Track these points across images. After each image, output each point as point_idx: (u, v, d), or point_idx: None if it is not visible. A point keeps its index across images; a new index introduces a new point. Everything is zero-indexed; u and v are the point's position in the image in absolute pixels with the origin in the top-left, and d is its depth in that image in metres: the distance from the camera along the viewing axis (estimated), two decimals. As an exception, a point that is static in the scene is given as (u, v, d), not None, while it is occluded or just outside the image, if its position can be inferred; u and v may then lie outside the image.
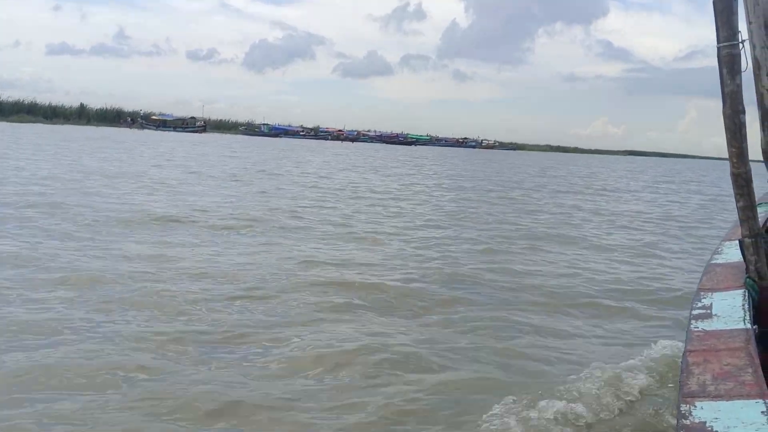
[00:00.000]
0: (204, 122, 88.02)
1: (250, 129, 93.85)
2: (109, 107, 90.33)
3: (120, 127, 77.65)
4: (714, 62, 2.44)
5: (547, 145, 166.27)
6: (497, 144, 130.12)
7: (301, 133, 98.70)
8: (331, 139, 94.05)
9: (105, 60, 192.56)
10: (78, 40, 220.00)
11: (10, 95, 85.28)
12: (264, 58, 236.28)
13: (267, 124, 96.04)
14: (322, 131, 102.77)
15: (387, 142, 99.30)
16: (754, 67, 1.37)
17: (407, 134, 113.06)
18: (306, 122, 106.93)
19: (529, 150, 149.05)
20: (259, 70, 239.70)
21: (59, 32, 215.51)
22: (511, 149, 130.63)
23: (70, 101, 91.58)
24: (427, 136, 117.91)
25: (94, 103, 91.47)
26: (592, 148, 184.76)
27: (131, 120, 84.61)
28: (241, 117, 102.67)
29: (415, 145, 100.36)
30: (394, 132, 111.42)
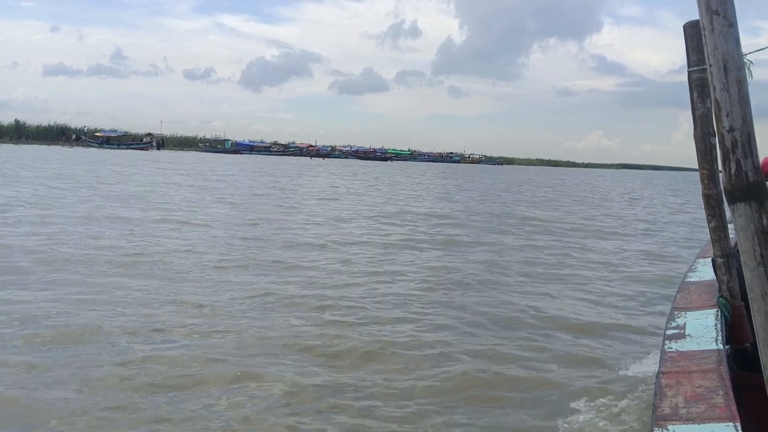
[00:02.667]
0: (152, 138, 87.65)
1: (213, 145, 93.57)
2: (53, 124, 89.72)
3: (57, 144, 76.90)
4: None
5: (538, 159, 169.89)
6: (484, 158, 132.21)
7: (272, 149, 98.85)
8: (301, 155, 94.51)
9: (102, 80, 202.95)
10: (75, 60, 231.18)
11: (5, 117, 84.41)
12: (260, 76, 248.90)
13: (229, 140, 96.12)
14: (292, 147, 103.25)
15: (361, 158, 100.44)
16: (714, 109, 1.64)
17: (387, 149, 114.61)
18: (301, 139, 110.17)
19: (518, 164, 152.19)
20: (256, 88, 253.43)
21: (56, 53, 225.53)
22: (498, 164, 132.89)
23: (66, 121, 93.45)
24: (409, 150, 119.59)
25: (91, 123, 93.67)
26: (585, 162, 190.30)
27: (75, 137, 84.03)
28: (238, 135, 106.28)
29: (392, 160, 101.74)
30: (372, 147, 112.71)
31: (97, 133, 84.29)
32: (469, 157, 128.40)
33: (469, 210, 18.41)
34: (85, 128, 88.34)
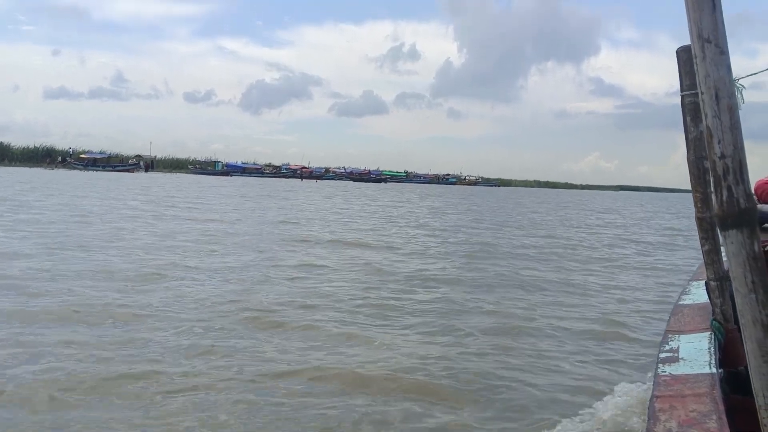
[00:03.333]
0: (140, 160, 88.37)
1: (203, 167, 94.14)
2: (39, 146, 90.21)
3: (40, 166, 77.17)
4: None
5: (535, 181, 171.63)
6: (480, 180, 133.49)
7: (265, 171, 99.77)
8: (294, 177, 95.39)
9: (103, 103, 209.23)
10: (76, 83, 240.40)
11: (6, 139, 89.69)
12: (260, 98, 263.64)
13: (220, 162, 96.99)
14: (285, 168, 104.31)
15: (355, 180, 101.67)
16: (706, 136, 1.70)
17: (382, 171, 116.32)
18: (301, 161, 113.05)
19: (515, 186, 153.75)
20: (256, 110, 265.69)
21: (57, 76, 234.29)
22: (494, 185, 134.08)
23: (66, 144, 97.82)
24: (404, 172, 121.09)
25: (92, 145, 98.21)
26: (583, 184, 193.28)
27: (61, 159, 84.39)
28: (238, 157, 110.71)
29: (386, 182, 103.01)
30: (367, 169, 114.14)
31: (83, 155, 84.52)
32: (465, 178, 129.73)
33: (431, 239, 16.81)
34: (71, 150, 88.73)
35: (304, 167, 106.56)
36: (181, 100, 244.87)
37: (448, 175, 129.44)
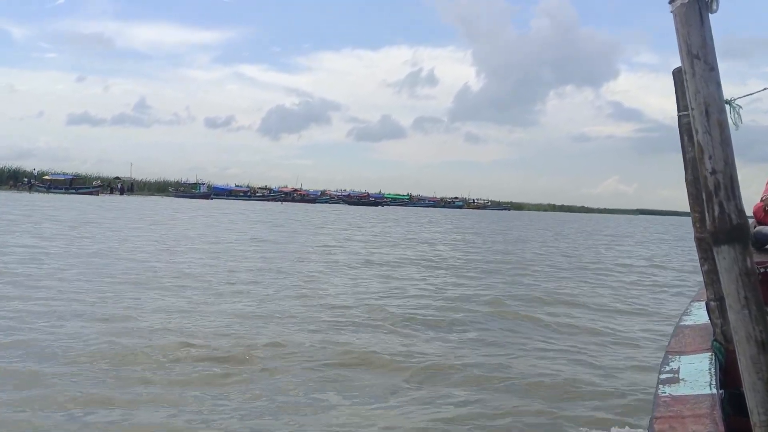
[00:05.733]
0: (117, 182, 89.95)
1: (187, 190, 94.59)
2: (3, 167, 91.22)
3: (4, 189, 77.80)
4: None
5: (549, 205, 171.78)
6: (490, 203, 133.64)
7: (251, 194, 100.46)
8: (284, 200, 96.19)
9: (125, 129, 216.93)
10: (100, 110, 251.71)
11: (30, 165, 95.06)
12: (280, 123, 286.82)
13: (203, 184, 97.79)
14: (275, 191, 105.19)
15: (350, 203, 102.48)
16: (697, 151, 1.85)
17: (384, 194, 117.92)
18: (318, 186, 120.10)
19: (528, 209, 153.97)
20: (275, 135, 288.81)
21: (81, 103, 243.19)
22: (505, 209, 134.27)
23: (87, 170, 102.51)
24: (407, 195, 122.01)
25: (112, 171, 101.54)
26: (602, 207, 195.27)
27: (27, 180, 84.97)
28: (255, 182, 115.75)
29: (383, 205, 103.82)
30: (366, 192, 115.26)
31: (45, 177, 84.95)
32: (473, 202, 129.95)
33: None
34: (35, 171, 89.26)
35: (297, 189, 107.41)
36: (202, 126, 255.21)
37: (456, 198, 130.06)
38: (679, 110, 3.13)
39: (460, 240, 29.21)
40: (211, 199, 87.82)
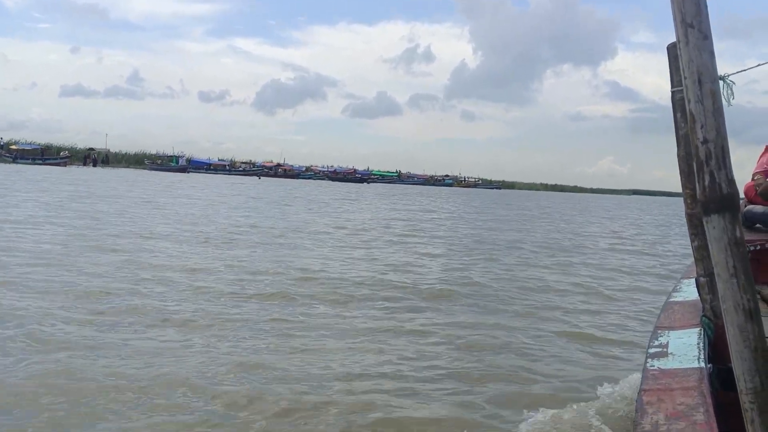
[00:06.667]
0: (94, 153, 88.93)
1: (165, 163, 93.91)
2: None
3: None
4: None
5: (542, 184, 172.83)
6: (480, 181, 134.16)
7: (232, 168, 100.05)
8: (267, 175, 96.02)
9: (119, 101, 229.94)
10: (93, 82, 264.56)
11: (22, 136, 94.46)
12: (275, 98, 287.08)
13: (182, 157, 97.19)
14: (258, 165, 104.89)
15: (334, 179, 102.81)
16: (689, 121, 1.90)
17: (372, 171, 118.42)
18: (313, 162, 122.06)
19: (519, 188, 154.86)
20: (270, 110, 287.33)
21: (74, 74, 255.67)
22: (496, 188, 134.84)
23: (80, 142, 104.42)
24: (396, 172, 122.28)
25: (106, 144, 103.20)
26: (595, 187, 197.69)
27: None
28: (249, 157, 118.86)
29: (368, 182, 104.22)
30: (353, 168, 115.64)
31: (12, 146, 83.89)
32: (464, 180, 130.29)
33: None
34: (1, 141, 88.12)
35: (280, 164, 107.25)
36: (196, 100, 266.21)
37: (447, 176, 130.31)
38: (672, 85, 3.22)
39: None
40: (188, 173, 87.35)
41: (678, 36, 1.94)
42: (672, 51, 3.20)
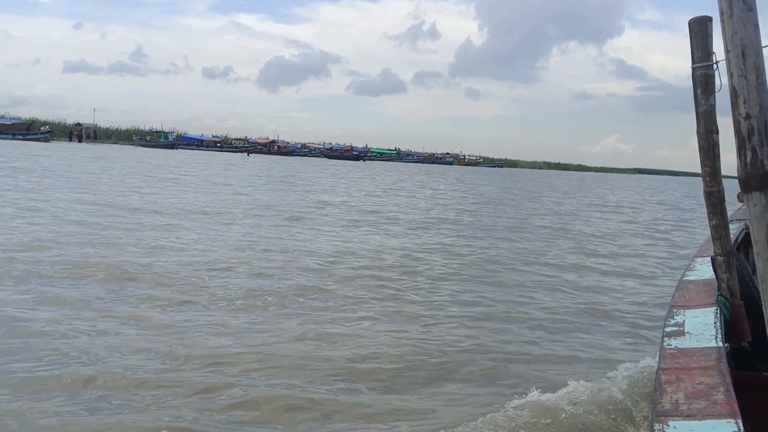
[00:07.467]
0: (81, 128, 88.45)
1: (154, 138, 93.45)
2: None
3: None
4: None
5: (545, 162, 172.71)
6: (481, 160, 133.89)
7: (222, 145, 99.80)
8: (260, 152, 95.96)
9: (122, 78, 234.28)
10: (96, 58, 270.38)
11: (24, 113, 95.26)
12: (278, 75, 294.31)
13: (172, 133, 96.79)
14: (252, 142, 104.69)
15: (330, 157, 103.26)
16: (731, 95, 1.89)
17: (370, 148, 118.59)
18: (316, 139, 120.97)
19: (522, 167, 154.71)
20: (273, 87, 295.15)
21: (77, 50, 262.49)
22: (498, 166, 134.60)
23: (83, 118, 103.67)
24: (395, 150, 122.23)
25: (108, 120, 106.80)
26: (599, 166, 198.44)
27: None
28: (253, 133, 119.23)
29: (364, 160, 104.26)
30: (350, 145, 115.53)
31: None
32: (464, 158, 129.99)
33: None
34: None
35: (273, 141, 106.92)
36: (200, 76, 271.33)
37: (447, 153, 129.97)
38: (693, 62, 3.22)
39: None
40: (176, 149, 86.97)
41: (721, 8, 1.92)
42: (693, 26, 3.21)
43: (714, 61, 3.18)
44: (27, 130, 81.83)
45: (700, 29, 3.22)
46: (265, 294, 7.71)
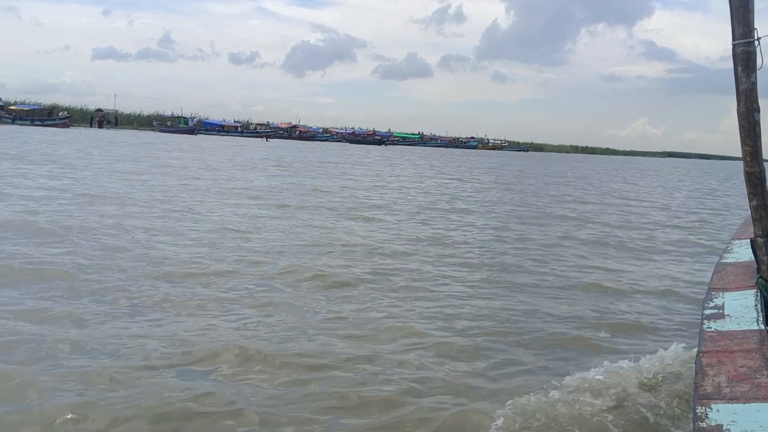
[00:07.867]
0: (102, 114, 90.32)
1: (174, 124, 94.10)
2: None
3: None
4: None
5: (572, 146, 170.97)
6: (506, 144, 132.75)
7: (243, 130, 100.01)
8: (280, 138, 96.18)
9: (150, 64, 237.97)
10: (125, 44, 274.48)
11: (55, 99, 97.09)
12: (304, 60, 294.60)
13: (193, 118, 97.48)
14: (273, 126, 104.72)
15: (352, 142, 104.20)
16: None
17: (393, 133, 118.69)
18: (339, 124, 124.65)
19: (548, 151, 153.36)
20: (299, 72, 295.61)
21: (106, 37, 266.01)
22: (523, 150, 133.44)
23: (111, 105, 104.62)
24: (418, 134, 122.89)
25: (133, 106, 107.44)
26: (627, 150, 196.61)
27: None
28: (276, 119, 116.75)
29: (386, 144, 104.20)
30: (373, 130, 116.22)
31: (12, 107, 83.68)
32: (489, 142, 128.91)
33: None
34: (1, 101, 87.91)
35: (295, 126, 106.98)
36: (226, 62, 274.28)
37: (472, 137, 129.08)
38: (734, 38, 3.14)
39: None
40: (196, 134, 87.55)
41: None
42: (734, 2, 3.13)
43: (756, 38, 3.12)
44: (48, 116, 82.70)
45: (741, 4, 3.15)
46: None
